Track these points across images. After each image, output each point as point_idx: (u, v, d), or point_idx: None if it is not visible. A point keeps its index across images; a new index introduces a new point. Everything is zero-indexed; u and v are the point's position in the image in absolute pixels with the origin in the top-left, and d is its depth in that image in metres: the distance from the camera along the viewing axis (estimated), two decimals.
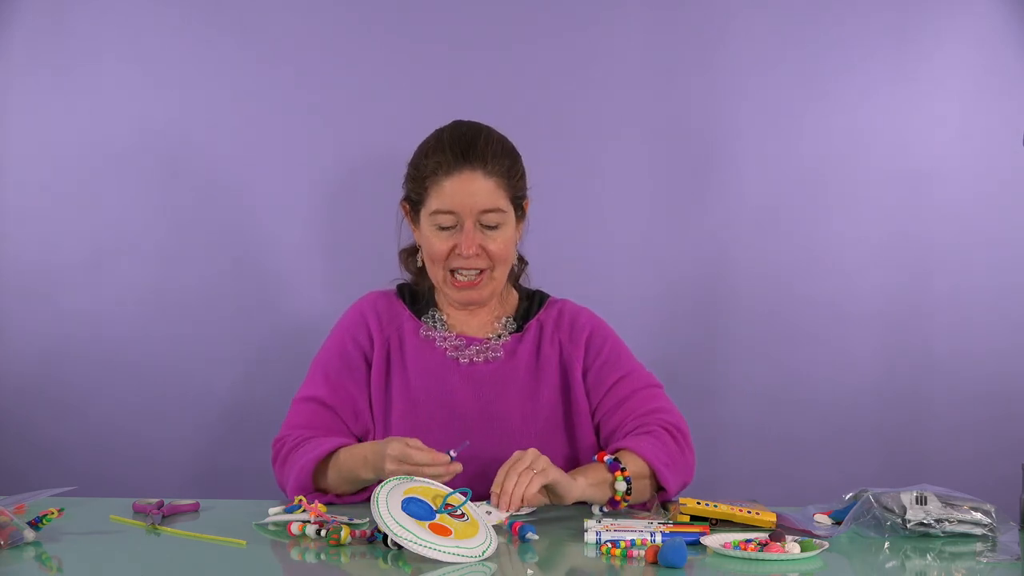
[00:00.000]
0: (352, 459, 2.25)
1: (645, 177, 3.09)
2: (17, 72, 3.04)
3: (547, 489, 2.13)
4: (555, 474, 2.11)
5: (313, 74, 3.06)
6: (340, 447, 2.29)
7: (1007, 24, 3.05)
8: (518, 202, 2.41)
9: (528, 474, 2.08)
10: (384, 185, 3.01)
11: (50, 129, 3.05)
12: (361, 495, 2.28)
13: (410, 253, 2.50)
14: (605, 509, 2.22)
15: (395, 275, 2.54)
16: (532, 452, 2.12)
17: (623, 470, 2.19)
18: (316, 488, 2.29)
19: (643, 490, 2.25)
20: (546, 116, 2.99)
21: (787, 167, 3.08)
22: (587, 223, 3.06)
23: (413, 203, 2.42)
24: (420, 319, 2.46)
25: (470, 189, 2.34)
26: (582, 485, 2.16)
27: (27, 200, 3.06)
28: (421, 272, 2.47)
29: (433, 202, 2.36)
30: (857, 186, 3.08)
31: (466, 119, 2.45)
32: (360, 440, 2.39)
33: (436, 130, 2.43)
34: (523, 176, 2.42)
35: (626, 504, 2.21)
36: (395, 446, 2.13)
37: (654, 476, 2.25)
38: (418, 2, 3.06)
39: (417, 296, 2.49)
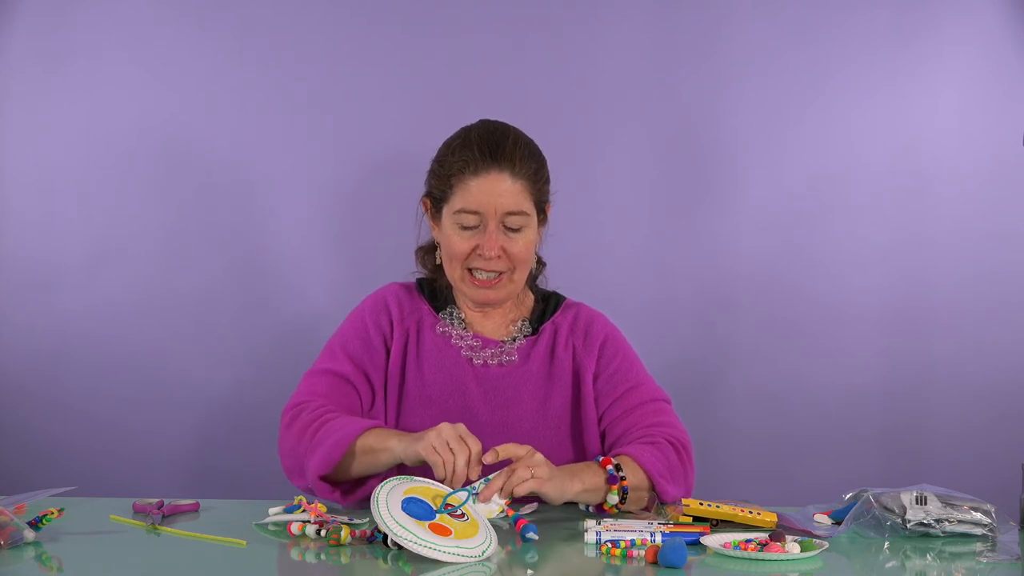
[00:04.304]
0: (384, 436, 2.20)
1: (644, 178, 3.09)
2: (17, 71, 3.05)
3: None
4: (549, 486, 2.10)
5: (315, 73, 3.06)
6: (375, 427, 2.24)
7: (1007, 24, 3.05)
8: (541, 206, 2.40)
9: (525, 473, 2.07)
10: (387, 184, 3.03)
11: (50, 129, 3.05)
12: (363, 490, 2.26)
13: (427, 251, 2.49)
14: (592, 510, 2.23)
15: (398, 275, 2.54)
16: (539, 458, 2.11)
17: (622, 479, 2.20)
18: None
19: (638, 500, 2.24)
20: (545, 117, 2.98)
21: (787, 167, 3.08)
22: (586, 224, 3.06)
23: (435, 200, 2.40)
24: (438, 315, 2.45)
25: (497, 190, 2.32)
26: (575, 490, 2.15)
27: (27, 200, 3.06)
28: (438, 269, 2.45)
29: (458, 201, 2.34)
30: (857, 186, 3.08)
31: (470, 120, 2.43)
32: None
33: (463, 128, 2.40)
34: (548, 181, 2.41)
35: (616, 512, 2.21)
36: (448, 428, 2.10)
37: (652, 487, 2.25)
38: (418, 2, 3.06)
39: (436, 292, 2.47)
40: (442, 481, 2.07)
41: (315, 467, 2.21)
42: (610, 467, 2.20)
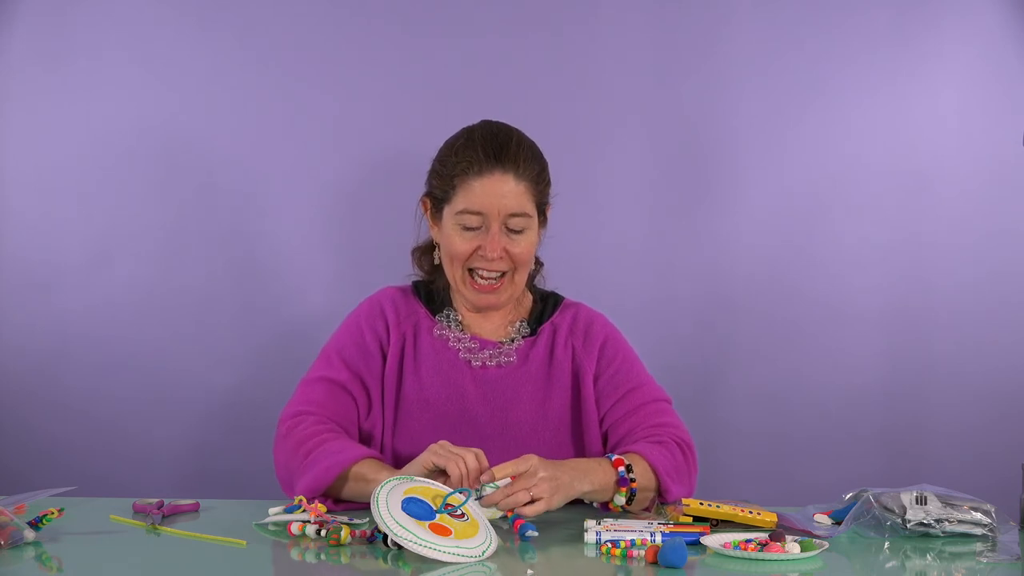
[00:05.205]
0: (377, 468, 2.20)
1: (644, 178, 3.09)
2: (17, 71, 3.04)
3: None
4: (555, 500, 2.09)
5: (315, 73, 3.06)
6: (369, 456, 2.24)
7: (1007, 24, 3.05)
8: (541, 208, 2.40)
9: (524, 497, 2.05)
10: (387, 184, 3.03)
11: (50, 129, 3.05)
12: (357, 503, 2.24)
13: (424, 251, 2.48)
14: (596, 505, 2.23)
15: (397, 276, 2.54)
16: (543, 475, 2.08)
17: (632, 481, 2.19)
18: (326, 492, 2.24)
19: (643, 501, 2.25)
20: (545, 117, 2.99)
21: (787, 168, 3.08)
22: (586, 224, 3.06)
23: (437, 200, 2.39)
24: (435, 317, 2.45)
25: (501, 191, 2.32)
26: (583, 490, 2.15)
27: (27, 200, 3.06)
28: (435, 270, 2.45)
29: (460, 201, 2.33)
30: (857, 186, 3.08)
31: (470, 120, 2.43)
32: (368, 434, 2.37)
33: (465, 128, 2.40)
34: (549, 183, 2.41)
35: (620, 511, 2.21)
36: (446, 442, 2.12)
37: (658, 486, 2.25)
38: (419, 2, 3.06)
39: (433, 294, 2.47)
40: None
41: (304, 489, 2.21)
42: (622, 468, 2.19)
